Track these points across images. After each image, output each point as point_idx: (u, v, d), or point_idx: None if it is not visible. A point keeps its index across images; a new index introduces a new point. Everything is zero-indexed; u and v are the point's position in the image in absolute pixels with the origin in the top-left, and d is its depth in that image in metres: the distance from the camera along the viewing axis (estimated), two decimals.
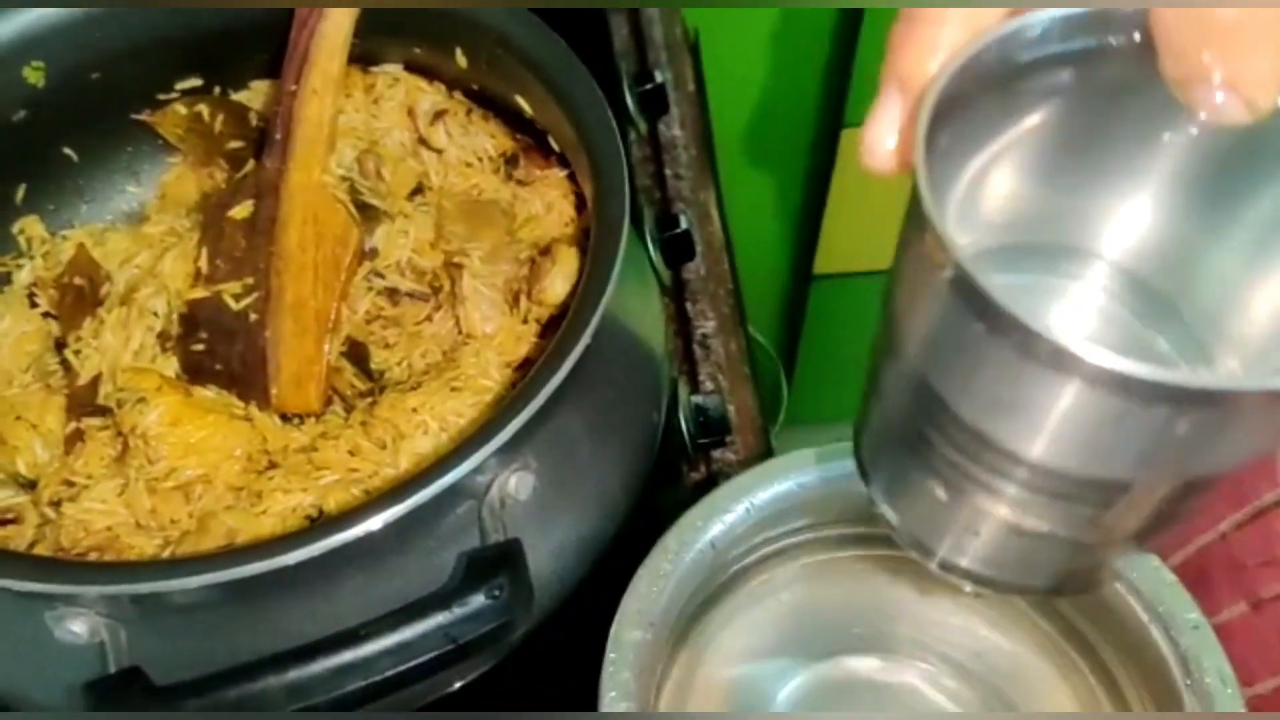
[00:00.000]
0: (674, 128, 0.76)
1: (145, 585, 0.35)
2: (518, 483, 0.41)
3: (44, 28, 0.50)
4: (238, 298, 0.50)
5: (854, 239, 1.24)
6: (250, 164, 0.55)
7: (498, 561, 0.37)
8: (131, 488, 0.46)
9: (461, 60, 0.53)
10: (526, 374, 0.50)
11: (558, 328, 0.51)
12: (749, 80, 1.08)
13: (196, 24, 0.54)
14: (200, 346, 0.50)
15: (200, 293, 0.50)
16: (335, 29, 0.50)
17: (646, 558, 0.37)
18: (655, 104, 0.74)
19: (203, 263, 0.51)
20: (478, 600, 0.36)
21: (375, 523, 0.36)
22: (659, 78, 0.75)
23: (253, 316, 0.50)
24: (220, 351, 0.50)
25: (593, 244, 0.44)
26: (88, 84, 0.53)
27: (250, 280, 0.50)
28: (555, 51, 0.48)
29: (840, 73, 1.08)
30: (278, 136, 0.51)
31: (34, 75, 0.51)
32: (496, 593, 0.36)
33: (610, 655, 0.35)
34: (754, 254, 1.11)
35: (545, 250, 0.51)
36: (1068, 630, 0.40)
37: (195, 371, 0.50)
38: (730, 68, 0.96)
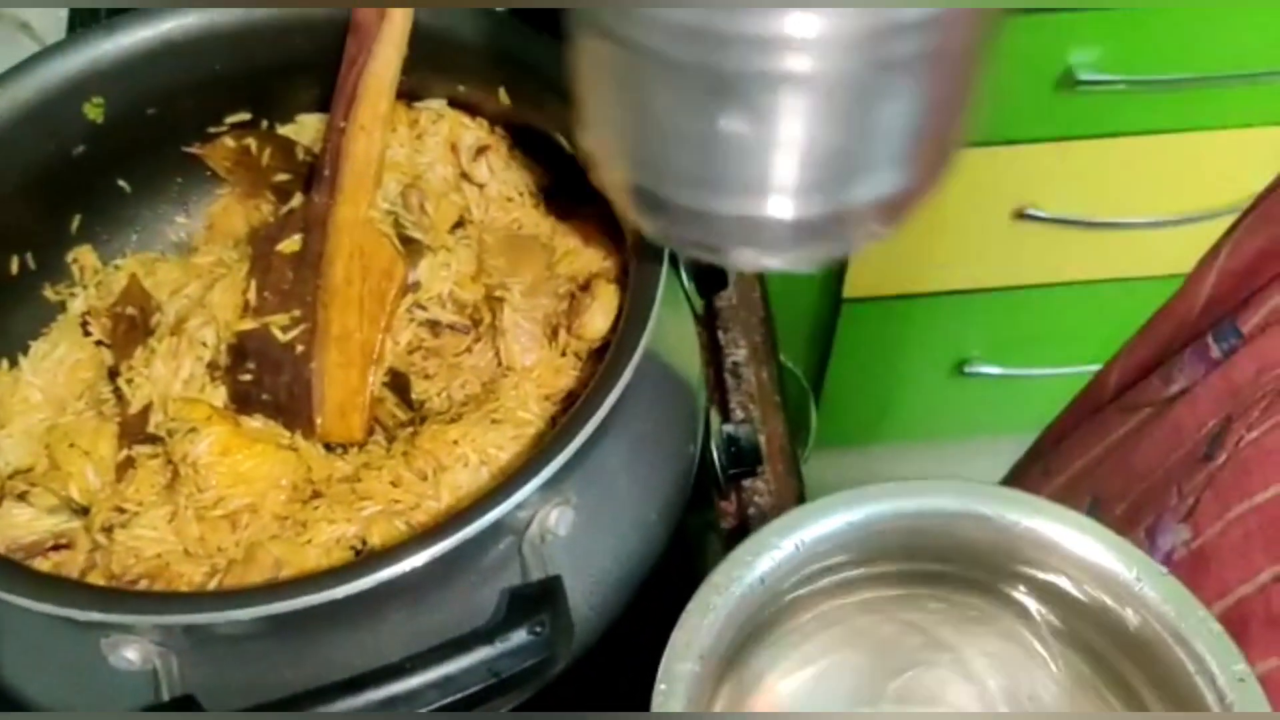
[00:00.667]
0: None
1: (199, 616, 0.37)
2: (558, 517, 0.42)
3: (106, 65, 0.52)
4: (285, 329, 0.51)
5: (883, 263, 1.24)
6: (297, 197, 0.57)
7: (539, 598, 0.38)
8: (181, 515, 0.47)
9: (505, 98, 0.54)
10: (566, 407, 0.51)
11: (597, 360, 0.52)
12: None
13: (249, 60, 0.55)
14: (248, 377, 0.51)
15: (249, 324, 0.51)
16: (384, 67, 0.52)
17: (696, 592, 0.38)
18: None
19: (251, 294, 0.52)
20: (520, 636, 0.37)
21: (421, 558, 0.37)
22: None
23: (299, 348, 0.51)
24: (267, 382, 0.51)
25: (632, 282, 0.45)
26: (143, 119, 0.55)
27: (298, 312, 0.51)
28: None
29: None
30: (326, 172, 0.52)
31: (94, 111, 0.53)
32: (538, 629, 0.37)
33: (660, 686, 0.36)
34: (782, 278, 1.12)
35: (585, 286, 0.52)
36: (1112, 677, 0.40)
37: (243, 401, 0.51)
38: None
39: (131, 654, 0.40)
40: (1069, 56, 1.05)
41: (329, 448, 0.51)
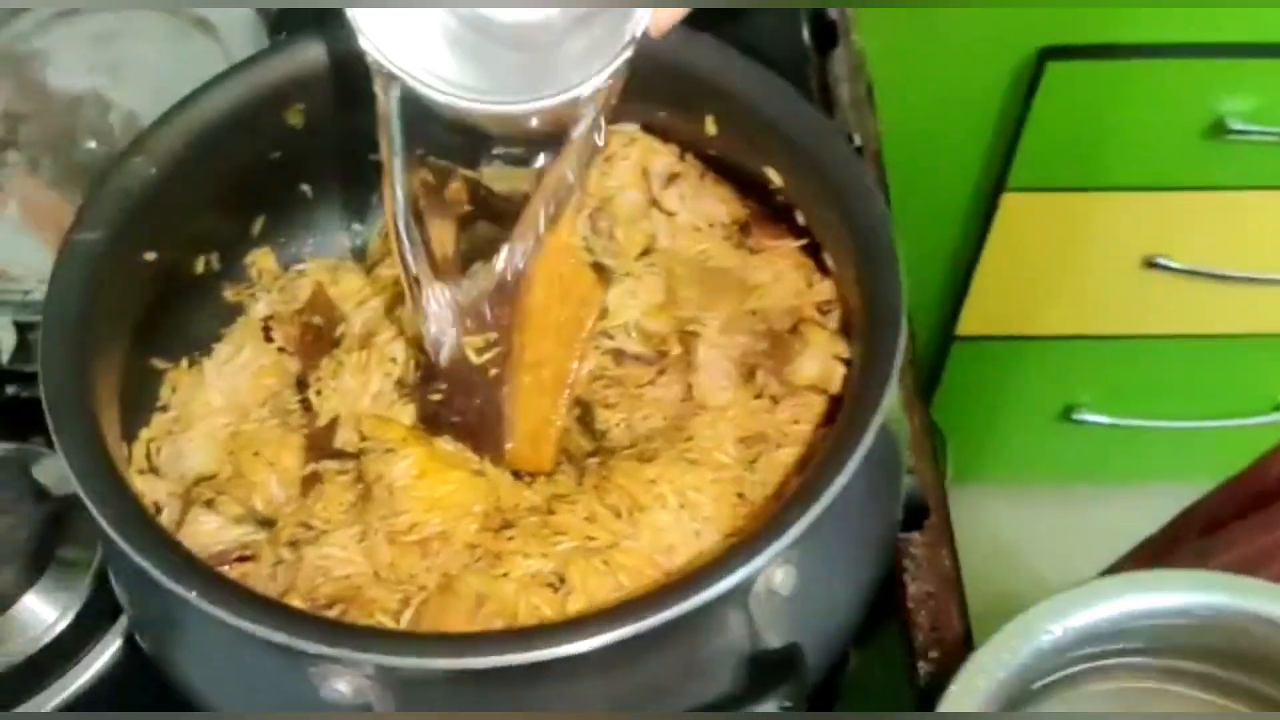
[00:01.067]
0: None
1: (442, 661, 0.35)
2: (783, 577, 0.40)
3: (312, 72, 0.51)
4: (480, 351, 0.50)
5: (1001, 302, 1.21)
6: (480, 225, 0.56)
7: (783, 666, 0.36)
8: (371, 538, 0.46)
9: (711, 127, 0.53)
10: (753, 448, 0.50)
11: (792, 403, 0.50)
12: (917, 138, 1.06)
13: None
14: (438, 396, 0.50)
15: None
16: (600, 97, 0.50)
17: (959, 673, 0.36)
18: None
19: None
20: (769, 707, 0.35)
21: (666, 615, 0.36)
22: (856, 140, 0.75)
23: (493, 371, 0.50)
24: (458, 403, 0.50)
25: (870, 337, 0.43)
26: (337, 128, 0.54)
27: (493, 335, 0.50)
28: (819, 130, 0.48)
29: (1011, 135, 1.07)
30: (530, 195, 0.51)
31: (295, 117, 0.52)
32: (789, 703, 0.35)
33: None
34: None
35: (792, 328, 0.50)
36: None
37: (431, 421, 0.50)
38: (901, 125, 0.95)
39: (343, 686, 0.38)
40: (1221, 105, 1.01)
41: (516, 475, 0.50)
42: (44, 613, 0.58)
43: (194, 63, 0.69)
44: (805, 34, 0.82)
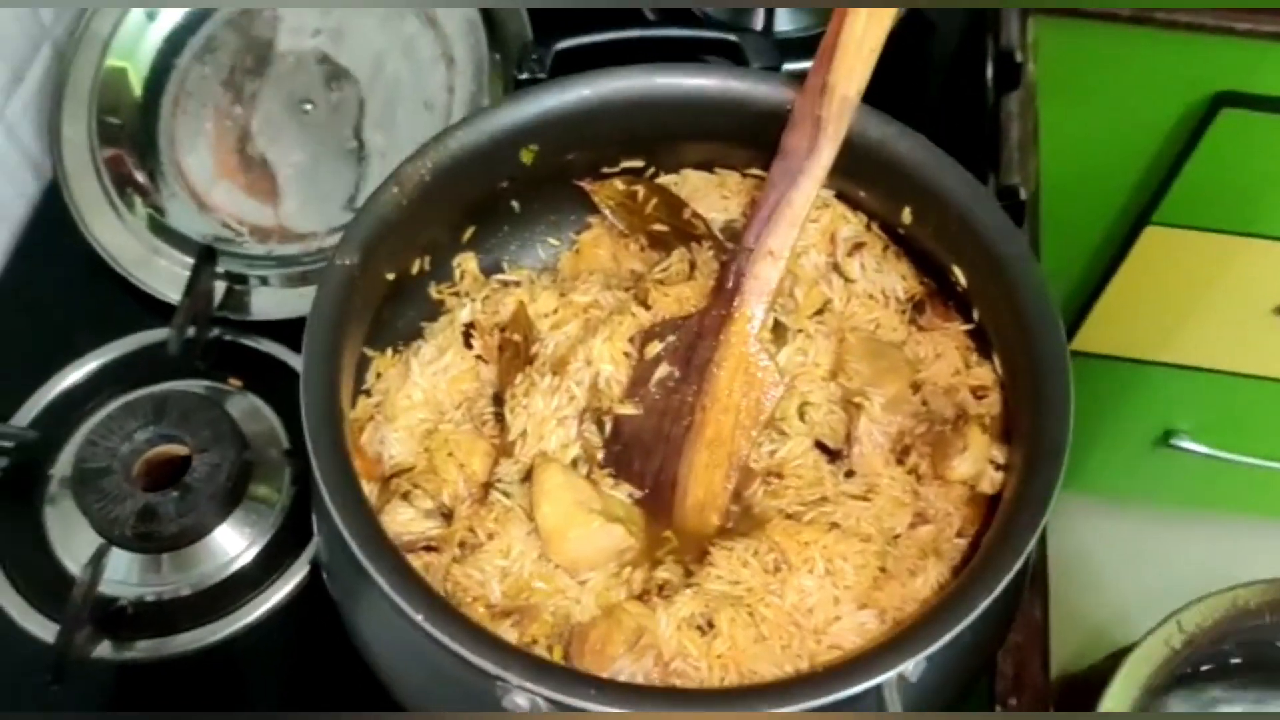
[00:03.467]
0: None
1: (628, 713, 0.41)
2: (914, 667, 0.45)
3: (546, 117, 0.55)
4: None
5: (1122, 327, 1.23)
6: (676, 253, 0.60)
7: None
8: (520, 560, 0.52)
9: (907, 218, 0.56)
10: (896, 522, 0.54)
11: (932, 484, 0.55)
12: (1072, 160, 1.06)
13: (658, 121, 0.58)
14: (619, 448, 0.56)
15: (629, 410, 0.55)
16: (803, 200, 0.54)
17: None
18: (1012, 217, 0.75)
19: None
20: None
21: (815, 701, 0.41)
22: (1023, 195, 0.76)
23: (673, 440, 0.55)
24: (636, 465, 0.55)
25: (1032, 464, 0.47)
26: (562, 162, 0.58)
27: (677, 408, 0.55)
28: (1016, 254, 0.51)
29: (1166, 173, 1.06)
30: (728, 286, 0.55)
31: (528, 155, 0.56)
32: None
33: None
34: None
35: (954, 422, 0.54)
36: None
37: (615, 470, 0.56)
38: (1058, 148, 0.96)
39: (522, 700, 0.44)
40: None
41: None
42: (233, 544, 0.65)
43: (406, 37, 0.73)
44: (989, 71, 0.83)
